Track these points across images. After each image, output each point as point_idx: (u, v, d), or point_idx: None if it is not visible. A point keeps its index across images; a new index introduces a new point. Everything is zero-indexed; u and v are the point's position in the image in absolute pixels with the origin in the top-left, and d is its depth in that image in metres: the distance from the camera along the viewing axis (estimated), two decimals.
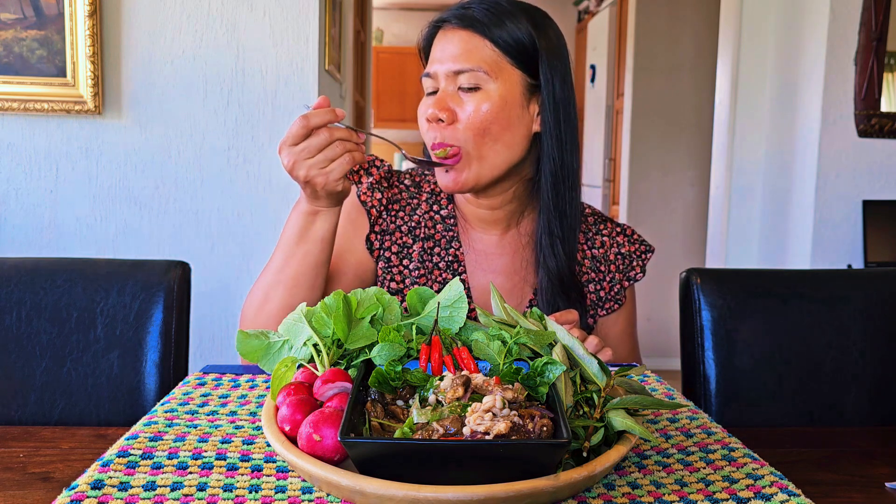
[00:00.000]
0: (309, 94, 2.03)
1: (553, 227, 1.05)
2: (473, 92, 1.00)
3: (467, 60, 1.00)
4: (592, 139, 5.00)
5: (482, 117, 1.00)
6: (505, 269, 1.11)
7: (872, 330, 1.16)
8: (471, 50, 1.01)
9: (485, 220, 1.12)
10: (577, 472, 0.58)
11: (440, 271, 1.09)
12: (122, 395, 1.10)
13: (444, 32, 1.04)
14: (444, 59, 1.02)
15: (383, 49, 6.48)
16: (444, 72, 1.02)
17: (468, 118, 1.00)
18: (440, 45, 1.04)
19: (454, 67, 1.01)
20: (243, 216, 2.06)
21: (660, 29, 4.00)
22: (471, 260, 1.11)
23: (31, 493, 0.69)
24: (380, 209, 1.10)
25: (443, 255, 1.10)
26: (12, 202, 2.02)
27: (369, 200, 1.10)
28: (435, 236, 1.11)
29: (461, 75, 1.00)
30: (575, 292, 1.08)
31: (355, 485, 0.56)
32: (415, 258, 1.09)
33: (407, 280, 1.09)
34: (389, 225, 1.10)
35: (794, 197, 2.66)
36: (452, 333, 0.76)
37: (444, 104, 1.01)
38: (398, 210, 1.12)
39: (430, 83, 1.04)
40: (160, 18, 1.99)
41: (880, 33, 2.39)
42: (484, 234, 1.12)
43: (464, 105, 1.00)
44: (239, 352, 0.77)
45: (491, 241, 1.12)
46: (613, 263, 1.14)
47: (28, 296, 1.11)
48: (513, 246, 1.12)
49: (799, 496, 0.63)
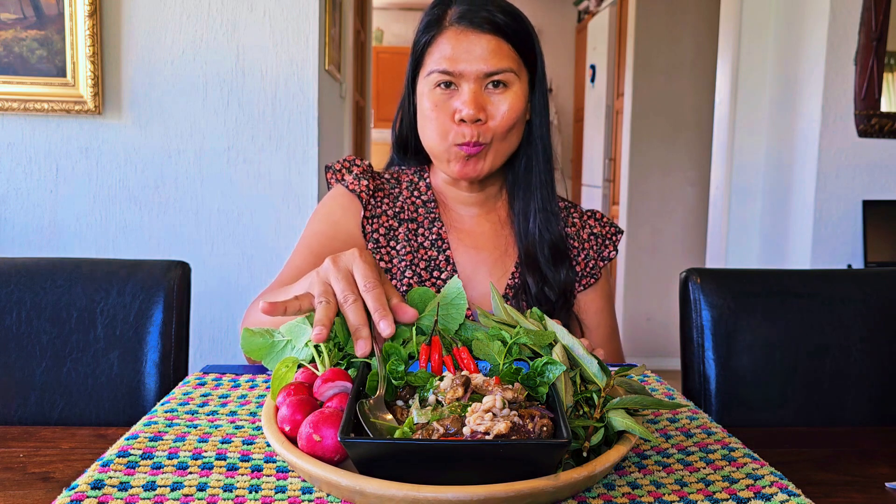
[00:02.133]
0: (309, 94, 2.03)
1: (546, 203, 1.14)
2: (502, 92, 1.06)
3: (499, 63, 1.05)
4: (592, 139, 5.00)
5: (512, 116, 1.07)
6: (487, 245, 1.16)
7: (872, 330, 1.16)
8: (501, 53, 1.06)
9: (465, 202, 1.18)
10: (577, 472, 0.58)
11: (425, 250, 1.14)
12: (122, 395, 1.10)
13: (464, 33, 1.06)
14: (473, 60, 1.05)
15: (383, 49, 6.48)
16: (475, 72, 1.05)
17: (501, 118, 1.06)
18: (463, 45, 1.06)
19: (486, 69, 1.05)
20: (243, 216, 2.06)
21: (660, 29, 4.00)
22: (454, 237, 1.16)
23: (31, 493, 0.69)
24: (368, 195, 1.15)
25: (427, 235, 1.15)
26: (12, 202, 2.02)
27: (357, 188, 1.15)
28: (418, 219, 1.16)
29: (492, 77, 1.05)
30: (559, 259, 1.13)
31: (355, 485, 0.56)
32: (401, 239, 1.14)
33: (395, 259, 1.13)
34: (376, 209, 1.16)
35: (793, 197, 2.66)
36: (452, 331, 0.76)
37: (480, 104, 1.05)
38: (383, 196, 1.17)
39: (446, 79, 1.06)
40: (160, 18, 1.99)
41: (880, 33, 2.39)
42: (465, 214, 1.18)
43: (494, 104, 1.06)
44: (243, 349, 0.77)
45: (472, 220, 1.18)
46: (587, 242, 1.19)
47: (28, 296, 1.11)
48: (492, 222, 1.18)
49: (799, 496, 0.63)
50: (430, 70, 1.08)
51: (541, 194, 1.14)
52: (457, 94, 1.07)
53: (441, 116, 1.07)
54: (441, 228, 1.15)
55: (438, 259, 1.13)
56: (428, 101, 1.08)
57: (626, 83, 4.12)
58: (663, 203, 4.14)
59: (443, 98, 1.07)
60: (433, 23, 1.09)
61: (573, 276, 1.15)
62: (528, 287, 1.11)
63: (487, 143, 1.07)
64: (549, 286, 1.11)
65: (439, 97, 1.07)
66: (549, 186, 1.14)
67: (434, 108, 1.07)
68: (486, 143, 1.07)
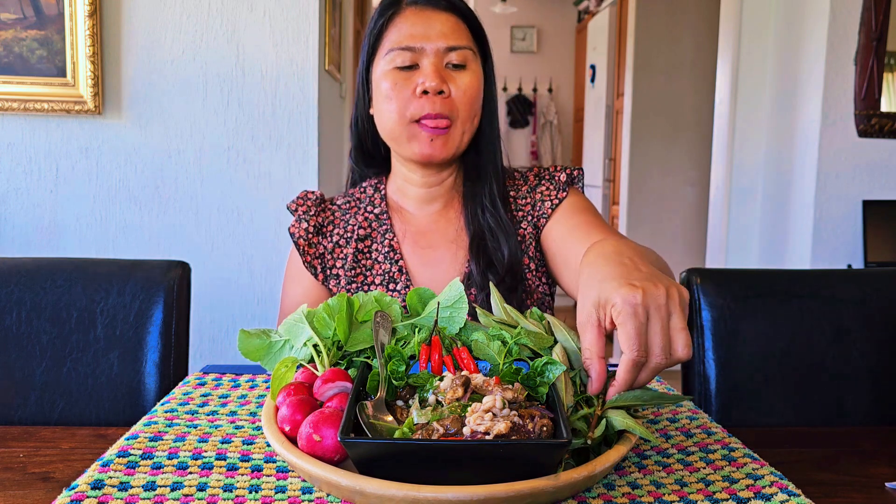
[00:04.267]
0: (309, 94, 2.03)
1: (493, 188, 1.13)
2: (461, 70, 1.07)
3: (459, 40, 1.07)
4: (592, 139, 5.00)
5: (474, 93, 1.08)
6: (441, 241, 1.14)
7: (872, 330, 1.16)
8: (459, 31, 1.08)
9: (424, 199, 1.16)
10: (577, 472, 0.58)
11: (379, 264, 1.13)
12: (122, 395, 1.10)
13: (423, 12, 1.08)
14: (433, 36, 1.06)
15: None
16: (435, 48, 1.06)
17: (463, 93, 1.06)
18: (423, 22, 1.07)
19: (446, 44, 1.06)
20: (243, 216, 2.06)
21: (660, 29, 4.00)
22: (407, 244, 1.14)
23: (31, 493, 0.69)
24: (308, 237, 1.15)
25: (380, 250, 1.14)
26: (12, 202, 2.02)
27: (297, 232, 1.15)
28: (372, 234, 1.15)
29: (453, 52, 1.07)
30: (503, 232, 1.10)
31: (355, 485, 0.56)
32: (349, 260, 1.13)
33: (342, 280, 1.13)
34: (321, 246, 1.15)
35: (794, 197, 2.66)
36: (453, 334, 0.76)
37: (443, 78, 1.05)
38: (333, 229, 1.17)
39: (409, 57, 1.06)
40: (160, 18, 1.99)
41: (880, 33, 2.39)
42: (420, 214, 1.16)
43: (456, 81, 1.07)
44: (240, 350, 0.77)
45: (427, 219, 1.16)
46: (541, 186, 1.16)
47: (28, 296, 1.11)
48: (447, 217, 1.16)
49: (799, 496, 0.63)
50: (389, 49, 1.07)
51: (489, 181, 1.13)
52: (417, 73, 1.06)
53: (401, 94, 1.06)
54: (393, 240, 1.13)
55: (392, 271, 1.11)
56: (386, 82, 1.07)
57: (626, 83, 4.12)
58: (663, 203, 4.14)
59: (402, 77, 1.06)
60: (388, 6, 1.09)
61: (517, 250, 1.10)
62: (472, 274, 1.09)
63: (453, 117, 1.06)
64: (492, 270, 1.08)
65: (398, 76, 1.06)
66: (497, 174, 1.14)
67: (393, 87, 1.06)
68: (450, 117, 1.05)
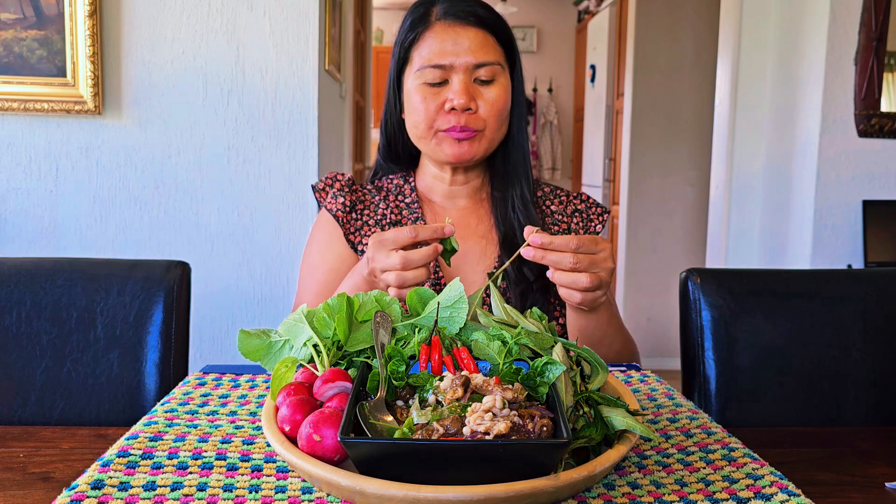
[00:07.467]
0: (309, 94, 2.03)
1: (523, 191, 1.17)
2: (490, 84, 1.11)
3: (487, 55, 1.10)
4: (592, 139, 5.00)
5: (501, 107, 1.12)
6: (472, 236, 1.18)
7: (872, 330, 1.16)
8: (488, 46, 1.11)
9: (452, 195, 1.20)
10: (577, 472, 0.58)
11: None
12: (122, 395, 1.10)
13: (452, 27, 1.10)
14: (462, 52, 1.09)
15: (383, 49, 6.47)
16: (465, 63, 1.09)
17: (491, 108, 1.10)
18: (452, 38, 1.10)
19: (475, 60, 1.09)
20: (243, 216, 2.06)
21: (660, 29, 4.00)
22: None
23: (31, 493, 0.69)
24: (345, 212, 1.18)
25: None
26: (12, 202, 2.02)
27: (334, 207, 1.17)
28: (402, 221, 1.18)
29: (481, 69, 1.10)
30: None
31: (355, 485, 0.56)
32: None
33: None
34: (357, 222, 1.18)
35: (794, 197, 2.66)
36: (453, 334, 0.76)
37: (471, 95, 1.09)
38: (363, 209, 1.20)
39: (439, 74, 1.10)
40: (160, 18, 1.99)
41: (880, 33, 2.39)
42: (451, 207, 1.21)
43: (484, 96, 1.11)
44: (240, 350, 0.77)
45: (457, 213, 1.20)
46: (572, 217, 1.22)
47: (28, 296, 1.11)
48: (476, 214, 1.20)
49: (799, 496, 0.63)
50: (420, 66, 1.10)
51: (519, 183, 1.17)
52: (447, 88, 1.10)
53: (430, 108, 1.10)
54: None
55: None
56: (417, 95, 1.11)
57: (626, 83, 4.12)
58: (663, 203, 4.14)
59: (431, 92, 1.10)
60: (418, 20, 1.12)
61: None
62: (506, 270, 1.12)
63: (479, 129, 1.11)
64: (528, 266, 1.11)
65: (428, 91, 1.10)
66: (527, 176, 1.18)
67: (423, 101, 1.10)
68: (477, 129, 1.10)
